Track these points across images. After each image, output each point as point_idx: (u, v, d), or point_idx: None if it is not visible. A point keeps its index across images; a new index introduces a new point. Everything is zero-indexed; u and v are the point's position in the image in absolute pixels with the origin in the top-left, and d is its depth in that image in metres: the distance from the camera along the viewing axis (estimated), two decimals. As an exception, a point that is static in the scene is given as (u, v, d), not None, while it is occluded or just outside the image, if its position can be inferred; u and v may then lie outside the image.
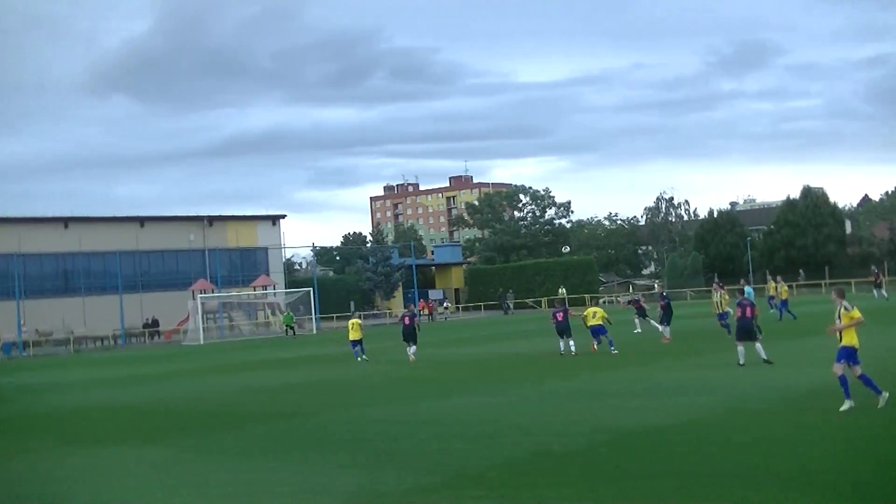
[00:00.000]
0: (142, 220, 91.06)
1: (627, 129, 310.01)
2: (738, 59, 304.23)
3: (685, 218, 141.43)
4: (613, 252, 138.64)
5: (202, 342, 70.29)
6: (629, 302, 46.63)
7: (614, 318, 38.04)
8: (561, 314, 35.15)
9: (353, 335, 39.33)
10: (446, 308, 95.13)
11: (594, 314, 35.37)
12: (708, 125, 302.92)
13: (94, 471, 16.59)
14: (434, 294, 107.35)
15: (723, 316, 37.89)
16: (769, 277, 50.31)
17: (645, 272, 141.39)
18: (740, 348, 26.64)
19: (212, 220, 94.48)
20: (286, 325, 73.10)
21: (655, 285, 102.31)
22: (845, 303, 18.19)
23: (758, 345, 26.92)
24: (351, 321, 40.56)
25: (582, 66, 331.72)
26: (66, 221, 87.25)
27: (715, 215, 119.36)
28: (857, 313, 17.90)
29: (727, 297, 38.27)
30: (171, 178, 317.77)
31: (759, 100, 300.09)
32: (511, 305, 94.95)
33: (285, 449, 17.50)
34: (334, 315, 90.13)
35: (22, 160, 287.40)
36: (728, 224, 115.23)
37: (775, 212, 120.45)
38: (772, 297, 48.92)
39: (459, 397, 23.98)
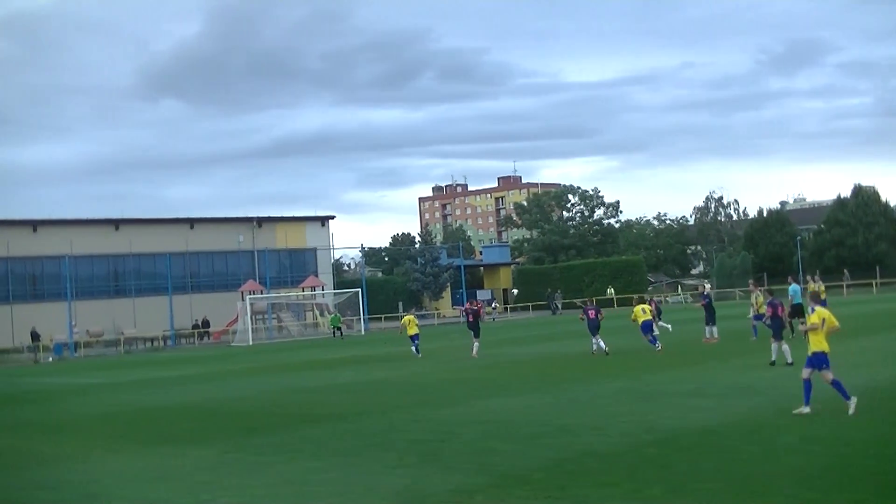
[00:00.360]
0: (191, 222, 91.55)
1: (676, 128, 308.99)
2: (788, 57, 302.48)
3: (734, 217, 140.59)
4: (662, 252, 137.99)
5: (251, 343, 70.60)
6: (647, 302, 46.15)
7: (664, 317, 38.00)
8: (593, 311, 35.72)
9: (411, 330, 41.08)
10: (494, 308, 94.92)
11: (643, 310, 36.04)
12: (758, 124, 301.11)
13: (139, 471, 16.69)
14: (482, 294, 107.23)
15: (758, 317, 37.50)
16: (808, 277, 48.87)
17: (694, 272, 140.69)
18: (785, 347, 26.87)
19: (261, 221, 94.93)
20: (333, 327, 73.10)
21: (704, 285, 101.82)
22: (811, 307, 18.53)
23: (784, 344, 27.23)
24: (406, 318, 42.67)
25: (631, 66, 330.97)
26: (116, 223, 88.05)
27: (764, 215, 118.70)
28: (810, 320, 18.13)
29: (760, 297, 37.91)
30: (220, 180, 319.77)
31: (809, 98, 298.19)
32: (559, 306, 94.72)
33: (331, 449, 17.56)
34: (382, 316, 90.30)
35: (73, 163, 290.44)
36: (777, 223, 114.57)
37: (825, 211, 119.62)
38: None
39: (506, 398, 23.97)
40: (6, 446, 21.47)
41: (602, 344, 35.04)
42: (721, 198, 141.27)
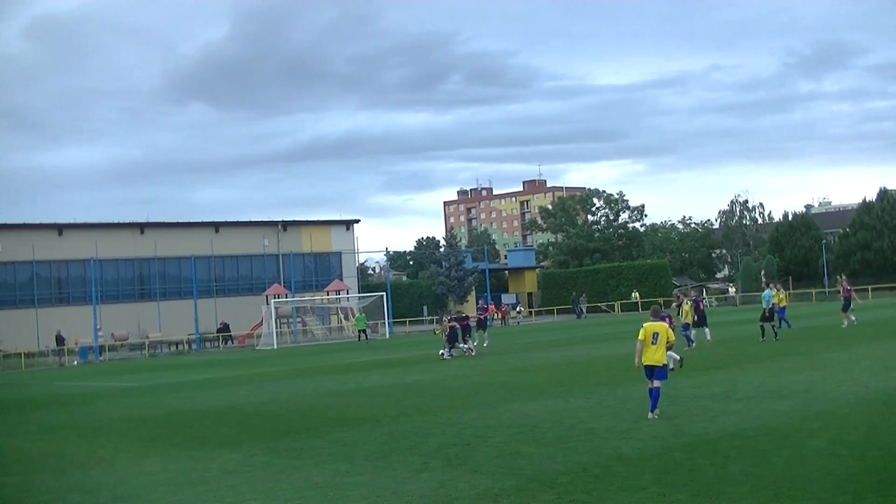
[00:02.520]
0: (217, 226, 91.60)
1: (704, 131, 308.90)
2: (816, 59, 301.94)
3: (760, 221, 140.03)
4: (687, 256, 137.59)
5: (275, 347, 70.54)
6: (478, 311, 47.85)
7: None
8: (461, 323, 43.43)
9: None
10: (519, 312, 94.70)
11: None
12: (785, 127, 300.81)
13: (168, 475, 16.77)
14: (507, 298, 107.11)
15: (685, 327, 37.56)
16: (772, 283, 44.42)
17: (719, 276, 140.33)
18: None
19: (286, 224, 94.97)
20: (359, 329, 72.44)
21: (728, 288, 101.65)
22: (644, 323, 19.82)
23: (670, 351, 27.79)
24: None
25: (658, 69, 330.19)
26: (141, 227, 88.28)
27: (790, 218, 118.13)
28: (638, 336, 19.53)
29: (686, 306, 38.12)
30: (246, 184, 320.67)
31: (838, 101, 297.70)
32: (584, 309, 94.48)
33: (359, 453, 17.59)
34: (407, 319, 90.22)
35: (101, 166, 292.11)
36: (803, 227, 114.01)
37: (851, 214, 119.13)
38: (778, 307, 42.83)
39: (533, 402, 23.93)
40: (42, 449, 21.57)
41: (462, 347, 42.74)
42: (746, 201, 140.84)
